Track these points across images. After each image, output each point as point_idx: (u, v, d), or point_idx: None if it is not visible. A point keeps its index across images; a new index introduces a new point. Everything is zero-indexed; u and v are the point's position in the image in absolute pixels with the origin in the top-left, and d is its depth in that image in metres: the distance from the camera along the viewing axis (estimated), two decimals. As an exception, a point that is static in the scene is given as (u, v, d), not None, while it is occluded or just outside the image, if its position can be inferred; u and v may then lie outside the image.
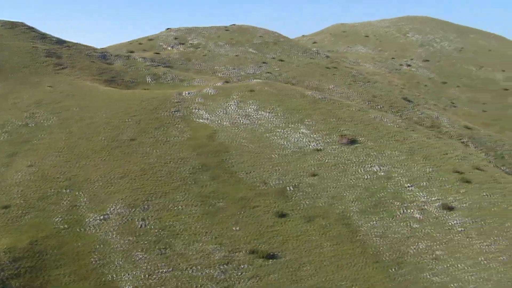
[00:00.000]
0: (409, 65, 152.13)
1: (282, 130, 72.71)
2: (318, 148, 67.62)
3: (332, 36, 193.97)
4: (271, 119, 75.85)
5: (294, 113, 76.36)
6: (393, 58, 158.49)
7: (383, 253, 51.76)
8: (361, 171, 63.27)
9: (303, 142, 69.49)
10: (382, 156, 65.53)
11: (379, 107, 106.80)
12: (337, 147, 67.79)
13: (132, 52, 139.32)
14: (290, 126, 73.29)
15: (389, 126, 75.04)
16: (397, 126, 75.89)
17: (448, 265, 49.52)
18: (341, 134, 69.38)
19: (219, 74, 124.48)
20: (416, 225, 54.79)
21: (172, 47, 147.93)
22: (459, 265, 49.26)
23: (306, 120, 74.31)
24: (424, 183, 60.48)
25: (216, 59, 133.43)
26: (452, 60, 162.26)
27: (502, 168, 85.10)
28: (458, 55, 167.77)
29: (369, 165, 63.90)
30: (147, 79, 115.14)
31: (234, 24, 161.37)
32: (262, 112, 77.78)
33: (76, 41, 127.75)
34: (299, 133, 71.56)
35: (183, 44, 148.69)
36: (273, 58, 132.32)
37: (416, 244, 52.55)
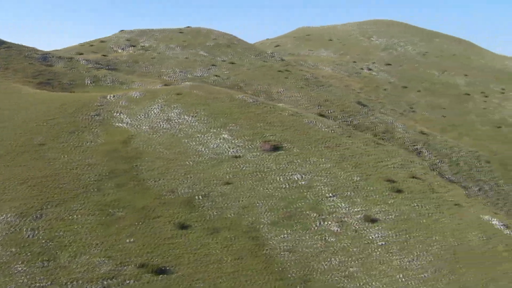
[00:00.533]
0: (370, 69, 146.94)
1: (202, 136, 66.48)
2: (237, 155, 61.45)
3: (295, 40, 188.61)
4: (193, 123, 69.59)
5: (218, 118, 70.20)
6: (354, 61, 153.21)
7: (290, 269, 45.71)
8: (280, 179, 57.16)
9: (222, 148, 63.28)
10: (306, 163, 59.55)
11: (329, 111, 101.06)
12: (258, 153, 61.67)
13: (81, 54, 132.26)
14: (211, 131, 67.07)
15: (322, 132, 69.21)
16: (332, 131, 70.12)
17: (362, 283, 43.88)
18: (265, 140, 63.36)
19: (165, 77, 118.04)
20: (332, 239, 48.79)
21: (122, 49, 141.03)
22: (373, 283, 43.65)
23: (230, 124, 68.16)
24: (348, 193, 54.61)
25: (165, 61, 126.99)
26: (415, 64, 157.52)
27: (450, 176, 79.75)
28: (422, 59, 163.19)
29: (290, 173, 57.83)
30: (86, 82, 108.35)
31: (189, 27, 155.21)
32: (185, 116, 71.49)
33: (29, 43, 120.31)
34: (220, 138, 65.35)
35: (134, 46, 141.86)
36: (224, 61, 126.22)
37: (329, 259, 46.59)
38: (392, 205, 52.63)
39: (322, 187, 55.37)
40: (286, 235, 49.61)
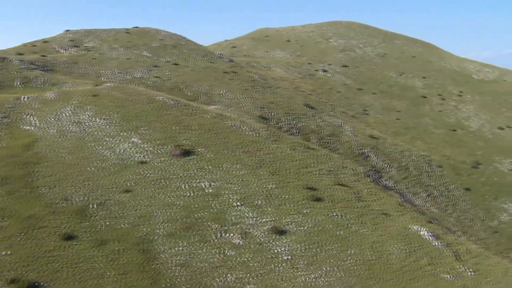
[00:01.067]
0: (325, 71, 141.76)
1: (111, 139, 60.08)
2: (144, 160, 55.17)
3: (253, 41, 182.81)
4: (104, 126, 63.10)
5: (132, 120, 63.91)
6: (309, 63, 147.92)
7: (179, 286, 39.53)
8: (185, 187, 51.01)
9: (128, 153, 57.01)
10: (218, 170, 53.52)
11: (272, 114, 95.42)
12: (167, 159, 55.41)
13: (21, 54, 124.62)
14: (121, 134, 60.73)
15: (246, 136, 63.27)
16: (257, 135, 64.20)
17: (259, 303, 37.48)
18: (177, 145, 57.04)
19: (102, 78, 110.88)
20: (231, 252, 42.75)
21: (65, 49, 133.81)
22: (271, 304, 37.24)
23: (142, 128, 61.92)
24: (259, 202, 48.66)
25: (105, 62, 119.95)
26: (373, 66, 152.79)
27: (387, 183, 74.34)
28: (380, 61, 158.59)
29: (197, 181, 51.74)
30: (15, 83, 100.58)
31: (136, 27, 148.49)
32: (97, 119, 65.00)
33: None
34: (129, 142, 59.06)
35: (77, 46, 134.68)
36: (168, 62, 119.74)
37: (225, 275, 40.81)
38: (307, 215, 46.79)
39: (230, 195, 49.33)
40: (181, 248, 43.52)
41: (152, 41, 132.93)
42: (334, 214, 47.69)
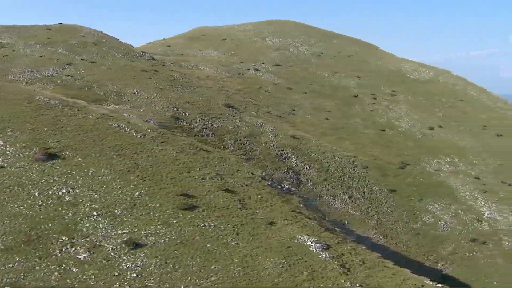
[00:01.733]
0: (256, 70, 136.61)
1: (-30, 142, 52.34)
2: (1, 165, 47.78)
3: (189, 39, 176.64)
4: (-37, 128, 55.29)
5: (1, 122, 56.22)
6: (241, 62, 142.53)
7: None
8: (39, 195, 44.32)
9: (-15, 157, 49.39)
10: (82, 175, 47.10)
11: (186, 114, 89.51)
12: (27, 163, 48.57)
13: None
14: (-17, 136, 53.07)
15: (128, 137, 57.07)
16: (142, 136, 58.05)
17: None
18: (42, 147, 50.23)
19: (10, 77, 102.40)
20: (73, 269, 36.39)
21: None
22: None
23: (9, 129, 54.47)
24: (120, 211, 42.42)
25: (17, 60, 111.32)
26: (307, 65, 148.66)
27: (290, 187, 68.87)
28: (315, 60, 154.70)
29: (54, 187, 45.16)
30: None
31: (59, 23, 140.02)
32: (-38, 121, 57.10)
33: None
34: (-10, 145, 51.45)
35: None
36: (84, 59, 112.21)
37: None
38: (172, 225, 40.82)
39: (88, 203, 42.95)
40: (16, 264, 36.69)
41: (72, 38, 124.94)
42: (206, 225, 41.87)
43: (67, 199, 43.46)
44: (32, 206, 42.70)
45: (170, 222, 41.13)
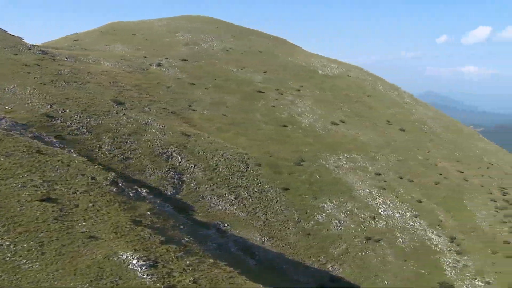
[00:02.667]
0: (160, 65, 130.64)
1: None
2: None
3: (100, 34, 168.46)
4: None
5: None
6: (146, 57, 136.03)
7: None
8: None
9: None
10: None
11: (62, 111, 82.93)
12: None
13: None
14: None
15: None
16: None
17: None
18: None
19: None
20: None
21: None
22: None
23: None
24: None
25: None
26: (214, 60, 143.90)
27: (143, 191, 63.19)
28: (224, 55, 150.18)
29: None
30: None
31: None
32: None
33: None
34: None
35: None
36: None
37: None
38: None
39: None
40: None
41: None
42: (3, 244, 36.08)
43: None
44: None
45: None
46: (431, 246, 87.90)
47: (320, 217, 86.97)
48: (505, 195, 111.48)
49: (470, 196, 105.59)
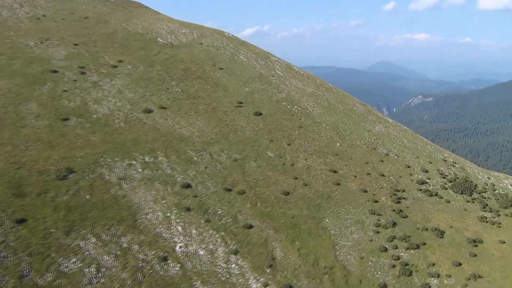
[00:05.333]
0: None
1: None
2: None
3: None
4: None
5: None
6: None
7: None
8: None
9: None
10: None
11: None
12: None
13: None
14: None
15: None
16: None
17: None
18: None
19: None
20: None
21: None
22: None
23: None
24: None
25: None
26: (11, 32, 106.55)
27: None
28: (30, 25, 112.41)
29: None
30: None
31: None
32: None
33: None
34: None
35: None
36: None
37: None
38: None
39: None
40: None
41: None
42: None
43: None
44: None
45: None
46: (245, 306, 55.87)
47: (68, 264, 52.89)
48: (398, 202, 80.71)
49: (337, 211, 73.94)
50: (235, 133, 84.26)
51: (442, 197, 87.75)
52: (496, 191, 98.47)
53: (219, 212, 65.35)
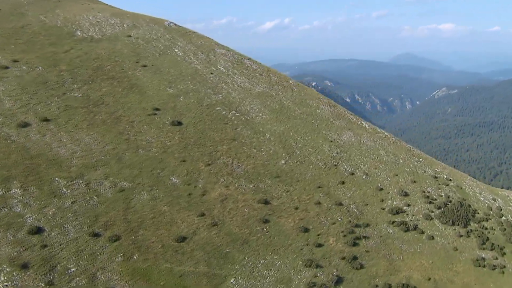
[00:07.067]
0: None
1: None
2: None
3: None
4: None
5: None
6: None
7: None
8: None
9: None
10: None
11: None
12: None
13: None
14: None
15: None
16: None
17: None
18: None
19: None
20: None
21: None
22: None
23: None
24: None
25: None
26: None
27: None
28: None
29: None
30: None
31: None
32: None
33: None
34: None
35: None
36: None
37: None
38: None
39: None
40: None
41: None
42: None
43: None
44: None
45: None
46: None
47: None
48: (354, 245, 63.88)
49: (252, 264, 57.02)
50: (134, 152, 68.07)
51: (423, 232, 70.37)
52: (503, 217, 79.30)
53: (71, 270, 49.21)
